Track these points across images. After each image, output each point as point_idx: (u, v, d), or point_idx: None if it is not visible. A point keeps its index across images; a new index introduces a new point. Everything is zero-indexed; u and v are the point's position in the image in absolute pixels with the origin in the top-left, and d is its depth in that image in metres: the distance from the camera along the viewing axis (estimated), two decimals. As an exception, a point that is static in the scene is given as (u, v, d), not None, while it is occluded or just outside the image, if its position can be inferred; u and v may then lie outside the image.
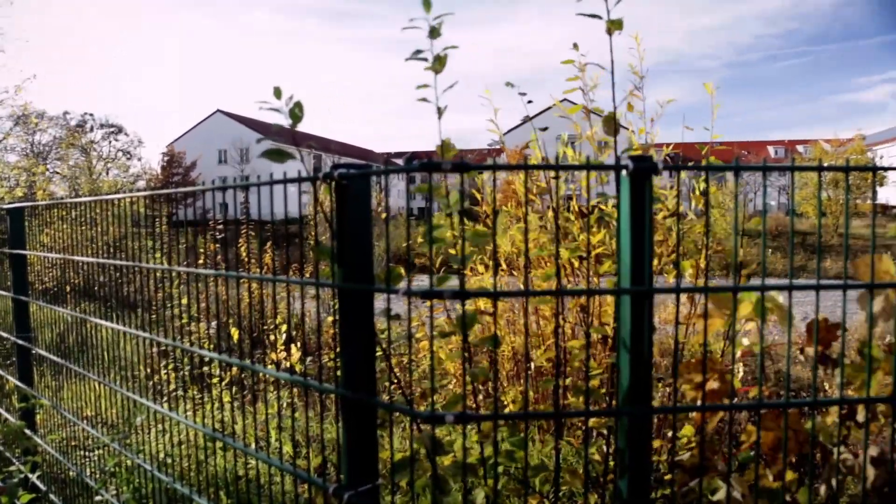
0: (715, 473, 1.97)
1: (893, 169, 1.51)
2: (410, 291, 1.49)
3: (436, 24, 2.12)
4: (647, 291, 1.41)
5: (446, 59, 2.19)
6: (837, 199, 35.55)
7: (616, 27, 2.46)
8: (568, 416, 1.72)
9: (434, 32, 2.14)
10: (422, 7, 2.11)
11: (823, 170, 1.54)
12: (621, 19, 2.44)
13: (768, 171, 1.46)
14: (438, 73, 2.21)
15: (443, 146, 2.28)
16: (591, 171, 1.72)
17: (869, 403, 1.64)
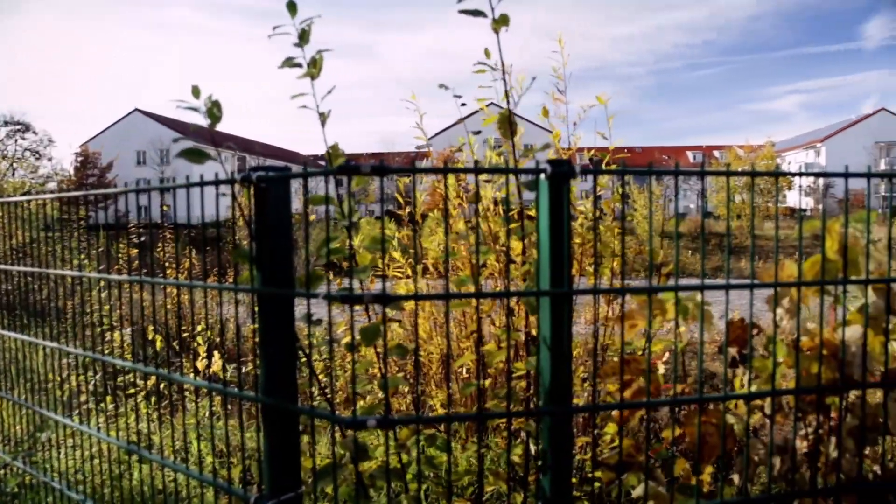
0: (637, 470, 2.03)
1: (795, 174, 1.59)
2: (330, 296, 1.47)
3: (305, 27, 2.04)
4: (565, 293, 1.43)
5: (322, 62, 2.11)
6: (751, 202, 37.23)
7: (502, 23, 2.46)
8: (490, 418, 1.73)
9: (304, 37, 2.06)
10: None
11: (732, 174, 1.61)
12: (506, 15, 2.43)
13: (681, 175, 1.51)
14: (315, 77, 2.13)
15: (331, 152, 2.19)
16: (510, 174, 1.74)
17: (774, 396, 1.72)
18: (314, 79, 2.12)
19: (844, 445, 1.82)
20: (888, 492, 1.89)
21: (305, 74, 2.11)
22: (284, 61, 2.12)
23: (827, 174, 1.74)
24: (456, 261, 4.21)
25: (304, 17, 2.05)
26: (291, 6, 2.00)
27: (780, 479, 1.92)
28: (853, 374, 1.80)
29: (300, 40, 2.06)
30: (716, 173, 1.55)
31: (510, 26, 2.48)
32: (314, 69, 2.11)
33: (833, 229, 1.76)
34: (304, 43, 2.07)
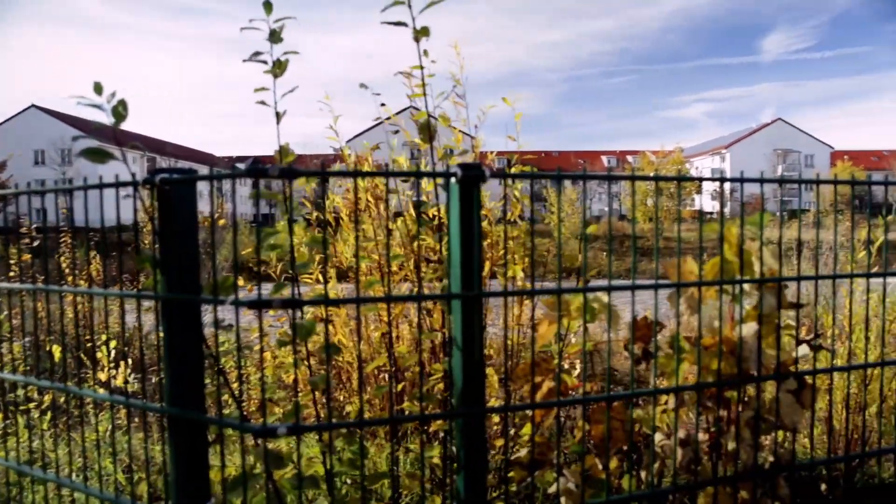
0: (549, 467, 2.07)
1: (693, 179, 1.67)
2: (238, 301, 1.43)
3: (276, 28, 2.07)
4: (476, 295, 1.44)
5: (287, 64, 2.15)
6: (661, 205, 38.82)
7: (423, 34, 2.53)
8: (402, 421, 1.73)
9: (275, 36, 2.10)
10: (281, 6, 2.06)
11: (637, 179, 1.67)
12: (427, 27, 2.51)
13: (588, 179, 1.55)
14: (278, 77, 2.16)
15: (281, 151, 2.22)
16: (420, 177, 1.74)
17: (678, 392, 1.80)
18: (277, 77, 2.14)
19: (742, 436, 1.91)
20: (781, 476, 2.00)
21: (270, 72, 2.16)
22: (252, 55, 2.11)
23: (723, 179, 1.82)
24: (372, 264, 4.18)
25: (252, 18, 2.08)
26: (267, 5, 2.07)
27: (684, 470, 2.00)
28: (750, 369, 1.89)
29: (271, 38, 2.09)
30: (621, 177, 1.61)
31: (429, 34, 2.53)
32: (278, 69, 2.13)
33: (730, 232, 1.85)
34: (275, 41, 2.10)
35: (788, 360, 1.97)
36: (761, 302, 1.85)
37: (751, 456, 1.93)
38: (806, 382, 1.94)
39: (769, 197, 50.52)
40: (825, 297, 4.58)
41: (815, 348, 2.09)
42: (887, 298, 4.09)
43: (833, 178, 2.07)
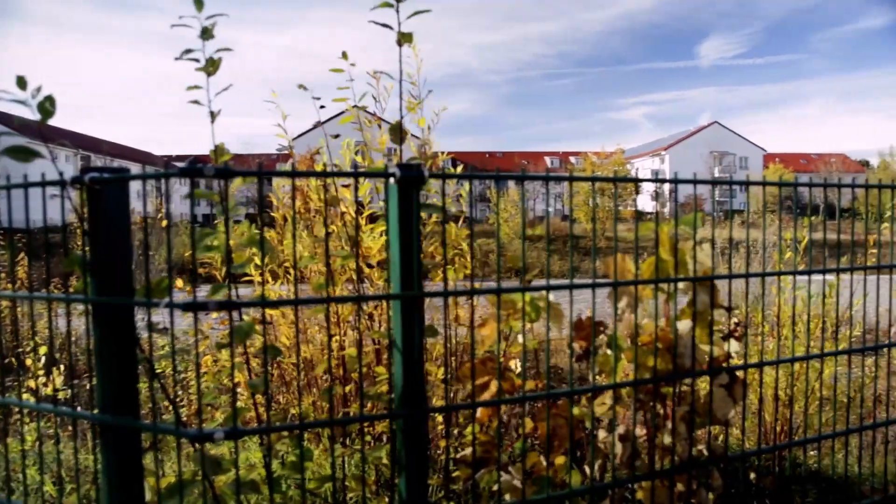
0: (494, 465, 2.09)
1: (628, 180, 1.71)
2: (173, 304, 1.40)
3: (208, 25, 2.03)
4: (416, 296, 1.44)
5: (220, 62, 2.11)
6: (604, 205, 39.63)
7: (406, 40, 2.52)
8: (342, 423, 1.71)
9: (206, 33, 2.05)
10: (217, 1, 2.01)
11: (575, 180, 1.69)
12: (411, 33, 2.51)
13: (526, 179, 1.57)
14: (211, 75, 2.12)
15: (216, 151, 2.18)
16: (359, 178, 1.73)
17: (615, 388, 1.83)
18: (210, 75, 2.09)
19: (677, 430, 1.97)
20: (714, 467, 2.07)
21: (202, 69, 2.10)
22: (183, 53, 2.06)
23: (657, 180, 1.87)
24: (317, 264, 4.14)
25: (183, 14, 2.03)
26: (198, 2, 2.02)
27: (624, 465, 2.05)
28: (685, 365, 1.95)
29: (202, 36, 2.05)
30: (558, 178, 1.63)
31: (412, 40, 2.53)
32: (211, 67, 2.08)
33: (665, 232, 1.90)
34: (207, 38, 2.06)
35: (721, 356, 2.03)
36: (695, 300, 1.90)
37: (686, 449, 1.98)
38: (737, 377, 2.01)
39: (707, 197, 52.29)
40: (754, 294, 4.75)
41: (739, 339, 2.16)
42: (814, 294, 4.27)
43: (762, 180, 2.15)
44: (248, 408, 2.43)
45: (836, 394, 2.49)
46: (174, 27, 2.06)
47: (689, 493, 2.06)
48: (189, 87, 2.16)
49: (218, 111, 2.19)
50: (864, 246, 4.87)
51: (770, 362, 2.18)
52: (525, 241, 1.58)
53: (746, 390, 2.09)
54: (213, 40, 2.10)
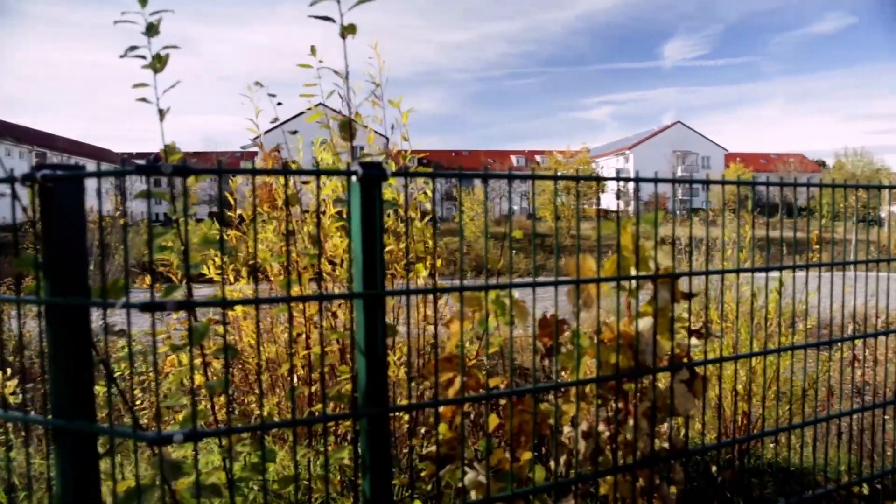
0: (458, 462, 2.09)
1: (589, 178, 1.73)
2: (129, 304, 1.37)
3: (154, 21, 1.99)
4: (378, 294, 1.44)
5: (167, 59, 2.07)
6: (569, 204, 39.98)
7: (349, 32, 2.50)
8: (304, 424, 1.70)
9: (151, 30, 2.01)
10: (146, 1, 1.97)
11: (536, 178, 1.70)
12: (354, 25, 2.48)
13: (488, 178, 1.57)
14: (159, 72, 2.08)
15: (167, 150, 2.14)
16: (321, 176, 1.71)
17: (578, 385, 1.85)
18: (158, 72, 2.05)
19: (639, 426, 1.99)
20: (676, 462, 2.10)
21: (149, 66, 2.06)
22: (128, 49, 2.01)
23: (618, 178, 1.89)
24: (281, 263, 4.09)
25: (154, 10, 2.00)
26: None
27: (588, 461, 2.07)
28: (646, 361, 1.97)
29: (147, 32, 2.01)
30: (521, 176, 1.64)
31: (356, 32, 2.51)
32: (159, 64, 2.04)
33: (627, 230, 1.92)
34: (152, 34, 2.01)
35: (681, 352, 2.07)
36: (656, 296, 1.93)
37: (648, 444, 2.01)
38: (697, 372, 2.04)
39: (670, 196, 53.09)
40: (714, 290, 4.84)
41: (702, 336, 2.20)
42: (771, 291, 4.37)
43: (722, 179, 2.19)
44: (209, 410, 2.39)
45: (791, 388, 2.55)
46: (118, 23, 2.01)
47: (651, 487, 2.09)
48: (135, 84, 2.11)
49: (167, 109, 2.14)
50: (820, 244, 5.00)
51: (729, 358, 2.23)
52: (488, 240, 1.58)
53: (707, 386, 2.13)
54: (158, 36, 2.06)
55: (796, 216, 2.61)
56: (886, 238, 3.40)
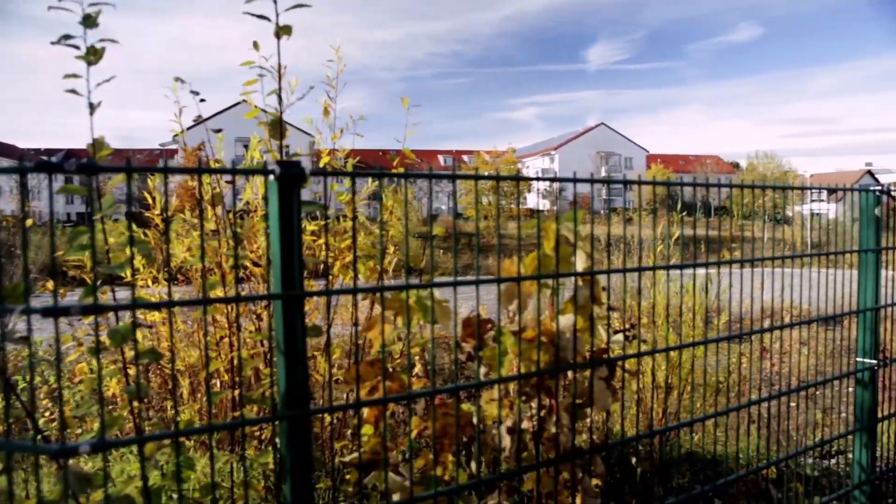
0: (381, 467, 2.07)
1: (508, 178, 1.74)
2: (31, 309, 1.29)
3: (92, 12, 1.90)
4: (297, 295, 1.41)
5: (104, 52, 1.98)
6: (494, 204, 40.42)
7: (285, 32, 2.46)
8: (222, 429, 1.65)
9: (89, 21, 1.92)
10: None
11: (457, 178, 1.71)
12: (290, 25, 2.45)
13: (409, 178, 1.57)
14: (93, 64, 2.00)
15: (95, 145, 2.05)
16: (236, 175, 1.67)
17: (500, 383, 1.87)
18: (92, 65, 1.96)
19: (561, 422, 2.03)
20: (597, 455, 2.15)
21: (83, 58, 1.98)
22: (61, 38, 1.90)
23: (540, 178, 1.92)
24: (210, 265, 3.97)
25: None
26: None
27: (513, 458, 2.09)
28: (567, 358, 2.01)
29: (85, 23, 1.92)
30: (441, 176, 1.64)
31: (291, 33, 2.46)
32: (93, 56, 1.94)
33: (549, 229, 1.96)
34: (90, 26, 1.93)
35: (602, 348, 2.12)
36: (576, 294, 1.97)
37: (570, 439, 2.05)
38: (616, 368, 2.10)
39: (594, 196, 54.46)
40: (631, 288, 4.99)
41: (627, 337, 2.26)
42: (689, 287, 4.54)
43: (639, 179, 2.25)
44: (125, 417, 2.29)
45: (705, 380, 2.65)
46: (52, 9, 1.92)
47: (573, 480, 2.13)
48: (66, 75, 2.01)
49: (98, 103, 2.05)
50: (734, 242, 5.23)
51: (647, 353, 2.30)
52: (416, 239, 1.58)
53: (626, 380, 2.19)
54: (96, 28, 1.97)
55: (713, 215, 2.71)
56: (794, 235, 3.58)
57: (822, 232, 4.30)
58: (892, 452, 3.93)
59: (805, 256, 3.06)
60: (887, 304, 3.37)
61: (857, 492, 3.24)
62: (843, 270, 3.32)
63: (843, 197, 3.40)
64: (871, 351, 3.24)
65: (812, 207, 8.78)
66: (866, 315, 3.25)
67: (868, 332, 3.25)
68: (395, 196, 4.94)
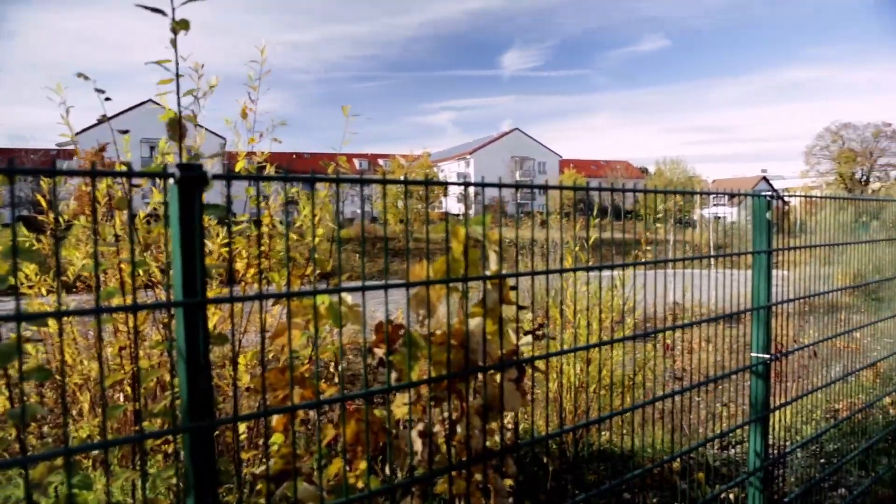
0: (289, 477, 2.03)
1: (416, 183, 1.75)
2: None
3: None
4: (199, 303, 1.37)
5: None
6: (411, 208, 40.46)
7: (182, 27, 2.39)
8: (118, 444, 1.58)
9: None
10: None
11: (365, 182, 1.70)
12: (187, 20, 2.38)
13: (315, 181, 1.55)
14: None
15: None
16: (133, 178, 1.60)
17: (411, 387, 1.87)
18: None
19: (472, 424, 2.05)
20: (508, 456, 2.18)
21: None
22: None
23: (465, 183, 1.93)
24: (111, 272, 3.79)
25: None
26: None
27: (426, 462, 2.10)
28: (477, 361, 2.04)
29: None
30: (348, 180, 1.63)
31: (189, 27, 2.38)
32: None
33: (458, 233, 1.97)
34: None
35: (511, 350, 2.15)
36: (485, 297, 2.00)
37: (481, 441, 2.08)
38: (525, 369, 2.14)
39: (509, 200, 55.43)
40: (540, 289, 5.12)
41: (537, 338, 2.31)
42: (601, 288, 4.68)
43: (545, 184, 2.31)
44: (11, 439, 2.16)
45: (612, 378, 2.74)
46: None
47: (485, 482, 2.16)
48: None
49: None
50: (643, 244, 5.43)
51: (554, 353, 2.35)
52: (314, 242, 1.56)
53: (535, 381, 2.24)
54: None
55: (624, 218, 2.81)
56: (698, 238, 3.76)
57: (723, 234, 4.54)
58: (783, 440, 4.19)
59: (707, 258, 3.21)
60: (779, 302, 3.58)
61: (753, 478, 3.42)
62: (743, 271, 3.51)
63: (741, 201, 3.60)
64: (764, 346, 3.43)
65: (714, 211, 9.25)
66: (760, 312, 3.44)
67: (762, 328, 3.44)
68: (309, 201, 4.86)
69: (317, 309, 1.64)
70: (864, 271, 4.97)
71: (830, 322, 4.52)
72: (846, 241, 4.47)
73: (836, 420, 4.78)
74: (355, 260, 23.85)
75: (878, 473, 4.78)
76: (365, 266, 1.54)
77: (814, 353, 4.47)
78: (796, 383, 4.36)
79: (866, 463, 4.88)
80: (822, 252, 4.21)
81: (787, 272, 3.84)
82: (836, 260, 4.47)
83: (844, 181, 70.18)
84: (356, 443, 2.08)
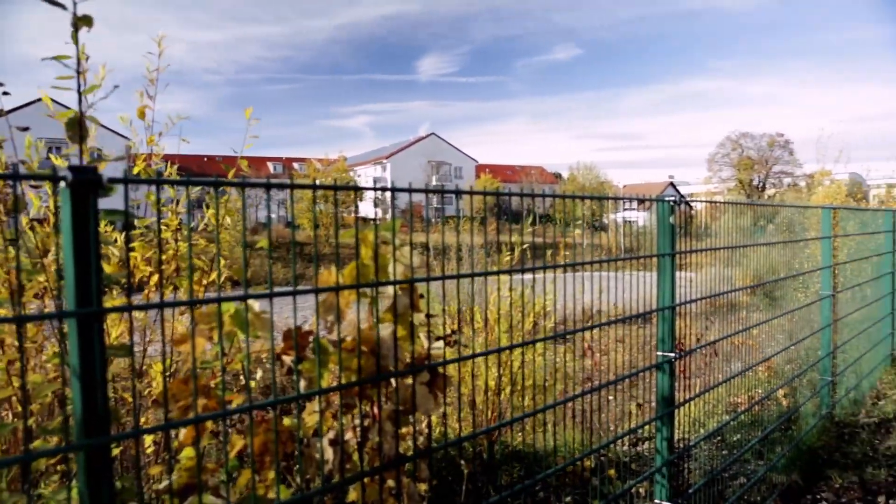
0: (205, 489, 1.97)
1: (328, 188, 1.74)
2: None
3: None
4: (95, 313, 1.31)
5: None
6: (328, 212, 39.97)
7: (84, 23, 2.29)
8: (4, 465, 1.49)
9: None
10: None
11: (273, 186, 1.67)
12: (90, 16, 2.29)
13: (220, 185, 1.51)
14: None
15: None
16: (20, 181, 1.51)
17: (320, 394, 1.85)
18: None
19: (384, 429, 2.05)
20: (421, 461, 2.19)
21: None
22: None
23: (379, 188, 1.93)
24: None
25: None
26: None
27: (338, 470, 2.07)
28: (388, 366, 2.03)
29: None
30: (256, 184, 1.60)
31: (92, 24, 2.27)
32: None
33: (367, 238, 1.97)
34: None
35: (423, 355, 2.16)
36: (395, 302, 2.00)
37: (393, 446, 2.07)
38: (438, 373, 2.15)
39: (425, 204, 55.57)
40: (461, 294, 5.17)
41: (448, 342, 2.33)
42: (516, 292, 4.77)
43: (456, 188, 2.33)
44: None
45: (523, 378, 2.79)
46: None
47: (398, 487, 2.16)
48: None
49: None
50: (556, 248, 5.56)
51: (467, 357, 2.38)
52: (219, 249, 1.52)
53: (451, 384, 2.26)
54: None
55: (538, 223, 2.87)
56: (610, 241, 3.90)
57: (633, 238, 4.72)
58: (689, 433, 4.39)
59: (617, 260, 3.33)
60: (682, 303, 3.75)
61: (660, 473, 3.57)
62: (653, 273, 3.66)
63: (650, 206, 3.75)
64: (669, 344, 3.59)
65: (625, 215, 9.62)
66: (665, 312, 3.60)
67: (667, 328, 3.60)
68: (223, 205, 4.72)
69: (221, 317, 1.60)
70: (761, 272, 5.28)
71: (731, 321, 4.77)
72: (745, 244, 4.74)
73: (735, 413, 5.05)
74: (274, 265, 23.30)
75: (773, 461, 5.08)
76: (278, 272, 1.51)
77: (714, 351, 4.71)
78: (700, 379, 4.57)
79: (762, 452, 5.18)
80: (724, 254, 4.45)
81: (693, 274, 4.03)
82: (736, 262, 4.72)
83: (744, 187, 74.34)
84: (264, 452, 2.04)
